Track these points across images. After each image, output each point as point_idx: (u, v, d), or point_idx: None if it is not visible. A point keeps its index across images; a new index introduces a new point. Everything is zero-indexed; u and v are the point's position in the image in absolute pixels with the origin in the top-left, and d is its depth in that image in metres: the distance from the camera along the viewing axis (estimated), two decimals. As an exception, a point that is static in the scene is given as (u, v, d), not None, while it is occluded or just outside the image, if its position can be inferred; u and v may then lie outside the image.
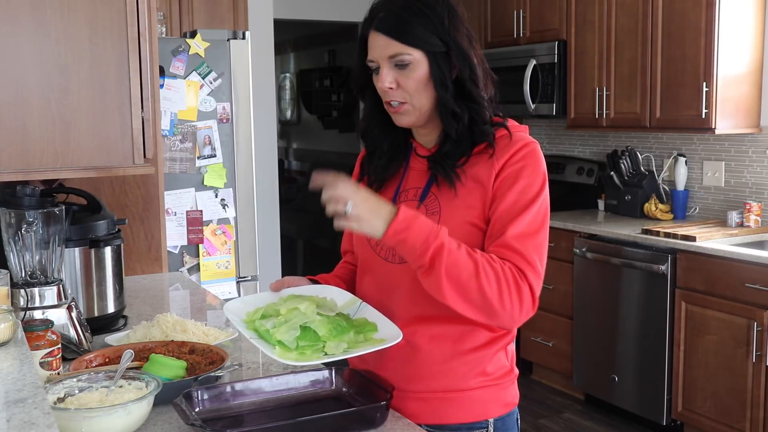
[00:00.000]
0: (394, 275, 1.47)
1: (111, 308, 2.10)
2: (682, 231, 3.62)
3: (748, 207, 3.74)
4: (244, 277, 3.56)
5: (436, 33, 1.40)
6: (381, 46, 1.41)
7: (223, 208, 3.48)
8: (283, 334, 1.33)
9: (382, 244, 1.49)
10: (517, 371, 1.54)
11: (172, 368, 1.52)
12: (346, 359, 1.47)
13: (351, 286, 1.61)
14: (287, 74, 9.62)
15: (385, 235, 1.30)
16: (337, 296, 1.49)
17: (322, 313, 1.39)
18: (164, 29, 3.86)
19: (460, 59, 1.41)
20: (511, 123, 1.49)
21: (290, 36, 9.13)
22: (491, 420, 1.48)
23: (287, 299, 1.42)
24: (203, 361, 1.61)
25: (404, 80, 1.41)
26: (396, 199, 1.52)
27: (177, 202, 3.38)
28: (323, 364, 1.38)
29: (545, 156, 1.48)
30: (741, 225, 3.76)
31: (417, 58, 1.40)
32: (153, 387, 1.37)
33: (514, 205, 1.39)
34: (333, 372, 1.52)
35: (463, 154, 1.45)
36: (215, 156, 3.44)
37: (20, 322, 1.44)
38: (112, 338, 1.90)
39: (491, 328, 1.46)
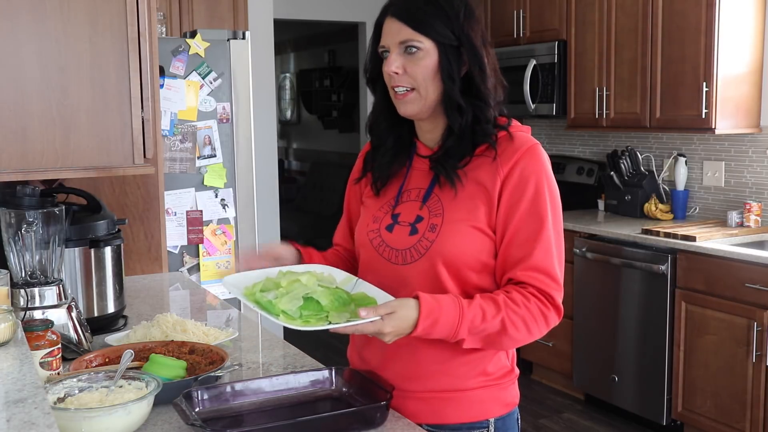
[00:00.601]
0: (397, 276, 1.47)
1: (111, 308, 2.10)
2: (682, 231, 3.62)
3: (748, 207, 3.74)
4: (244, 277, 3.56)
5: (450, 26, 1.41)
6: (394, 31, 1.42)
7: (223, 208, 3.48)
8: (286, 304, 1.32)
9: (385, 245, 1.49)
10: (517, 371, 1.54)
11: (172, 368, 1.52)
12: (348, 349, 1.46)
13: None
14: (287, 74, 9.62)
15: (415, 334, 1.34)
16: (335, 273, 1.49)
17: (323, 284, 1.39)
18: (164, 29, 3.86)
19: (471, 56, 1.43)
20: (515, 124, 1.49)
21: (290, 36, 9.13)
22: (491, 420, 1.48)
23: (286, 274, 1.42)
24: (203, 361, 1.61)
25: (412, 67, 1.42)
26: (398, 199, 1.51)
27: (177, 202, 3.38)
28: (325, 332, 1.36)
29: (546, 155, 1.48)
30: (741, 225, 3.76)
31: (427, 47, 1.41)
32: (153, 387, 1.37)
33: (529, 218, 1.40)
34: (333, 372, 1.53)
35: (464, 154, 1.45)
36: (215, 156, 3.44)
37: (20, 322, 1.44)
38: (112, 338, 1.90)
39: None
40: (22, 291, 1.73)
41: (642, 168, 4.29)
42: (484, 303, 1.37)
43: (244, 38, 3.49)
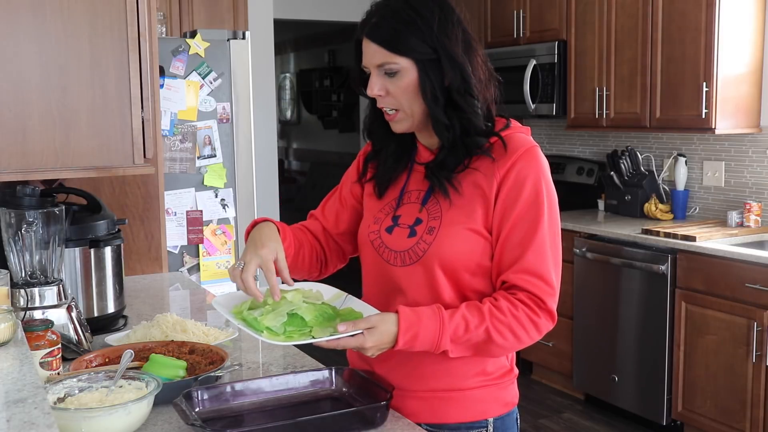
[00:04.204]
0: (395, 278, 1.47)
1: (111, 308, 2.10)
2: (682, 231, 3.62)
3: (748, 207, 3.74)
4: (244, 277, 3.56)
5: (425, 40, 1.38)
6: (370, 54, 1.40)
7: (223, 208, 3.48)
8: (271, 320, 1.34)
9: (384, 247, 1.49)
10: (517, 371, 1.54)
11: (172, 368, 1.53)
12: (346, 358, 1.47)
13: (297, 254, 1.56)
14: (287, 74, 9.62)
15: (397, 348, 1.35)
16: (323, 289, 1.50)
17: (308, 301, 1.40)
18: (164, 29, 3.86)
19: (449, 66, 1.38)
20: (514, 125, 1.48)
21: (290, 36, 9.13)
22: (490, 419, 1.48)
23: None
24: (203, 361, 1.61)
25: (393, 88, 1.40)
26: (400, 201, 1.51)
27: (177, 202, 3.38)
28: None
29: (545, 156, 1.48)
30: (741, 225, 3.76)
31: (405, 66, 1.38)
32: (153, 387, 1.37)
33: (522, 220, 1.39)
34: (333, 372, 1.53)
35: (458, 164, 1.44)
36: (215, 156, 3.44)
37: (20, 322, 1.44)
38: (112, 338, 1.90)
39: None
40: (22, 291, 1.73)
41: (642, 168, 4.29)
42: (468, 313, 1.37)
43: (244, 38, 3.49)
